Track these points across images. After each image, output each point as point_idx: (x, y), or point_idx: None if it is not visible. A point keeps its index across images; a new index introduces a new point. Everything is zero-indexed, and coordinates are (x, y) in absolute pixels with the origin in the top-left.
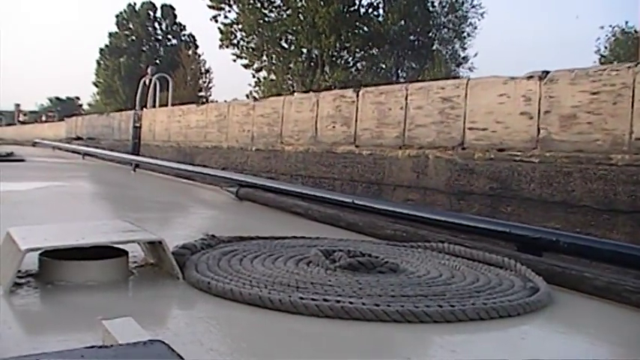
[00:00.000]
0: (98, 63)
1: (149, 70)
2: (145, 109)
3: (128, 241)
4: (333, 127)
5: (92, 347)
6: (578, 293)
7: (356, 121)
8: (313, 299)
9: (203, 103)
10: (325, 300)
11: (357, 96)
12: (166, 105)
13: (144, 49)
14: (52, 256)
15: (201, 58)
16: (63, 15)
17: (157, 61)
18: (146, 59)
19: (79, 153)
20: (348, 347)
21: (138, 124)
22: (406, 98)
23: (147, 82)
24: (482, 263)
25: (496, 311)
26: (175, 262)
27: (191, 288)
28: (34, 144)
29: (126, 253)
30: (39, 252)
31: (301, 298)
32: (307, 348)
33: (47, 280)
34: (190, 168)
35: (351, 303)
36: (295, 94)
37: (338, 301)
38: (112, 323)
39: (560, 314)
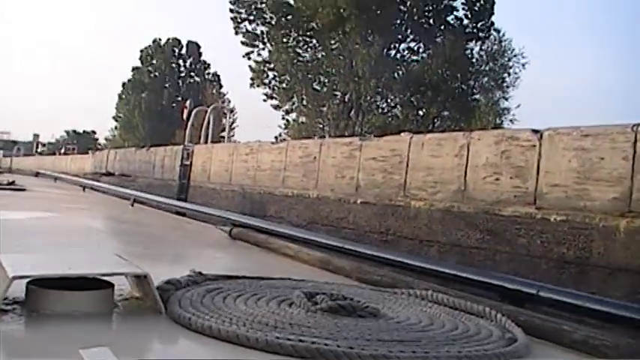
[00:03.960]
0: (120, 97)
1: (187, 104)
2: (197, 144)
3: (114, 273)
4: (497, 179)
5: None
6: (556, 346)
7: (537, 172)
8: (289, 339)
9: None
10: (301, 341)
11: (541, 138)
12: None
13: (166, 85)
14: (40, 284)
15: (226, 97)
16: (83, 47)
17: (179, 99)
18: (168, 96)
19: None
20: None
21: (187, 162)
22: (635, 144)
23: (187, 115)
24: (464, 312)
25: (470, 359)
26: (159, 296)
27: (172, 323)
28: (37, 174)
29: (112, 285)
30: (27, 280)
31: (277, 338)
32: None
33: (33, 308)
34: (185, 205)
35: (326, 345)
36: (428, 135)
37: (313, 342)
38: (88, 352)
39: None
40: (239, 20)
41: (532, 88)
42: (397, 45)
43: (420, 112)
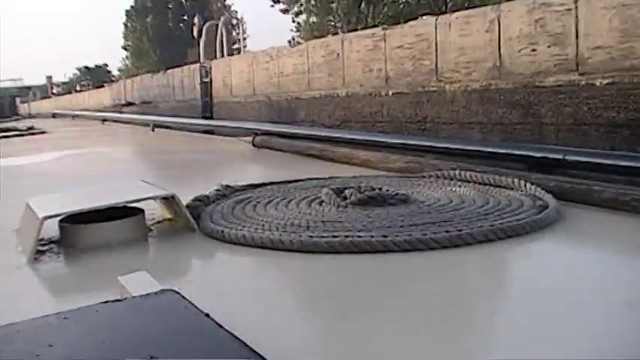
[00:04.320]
0: (125, 25)
1: (196, 20)
2: (214, 60)
3: (142, 199)
4: (534, 50)
5: (107, 302)
6: (587, 207)
7: (577, 36)
8: (322, 237)
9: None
10: (334, 236)
11: (576, 0)
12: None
13: (169, 6)
14: (72, 221)
15: (232, 8)
16: None
17: (185, 17)
18: (173, 16)
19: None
20: (358, 279)
21: (207, 79)
22: None
23: (198, 32)
24: (493, 186)
25: (503, 231)
26: (190, 214)
27: (206, 238)
28: (54, 115)
29: (142, 211)
30: (58, 219)
31: (310, 237)
32: (316, 285)
33: (68, 244)
34: (204, 122)
35: (359, 237)
36: (454, 14)
37: (347, 236)
38: (126, 278)
39: (568, 228)
40: None
41: None
42: None
43: None
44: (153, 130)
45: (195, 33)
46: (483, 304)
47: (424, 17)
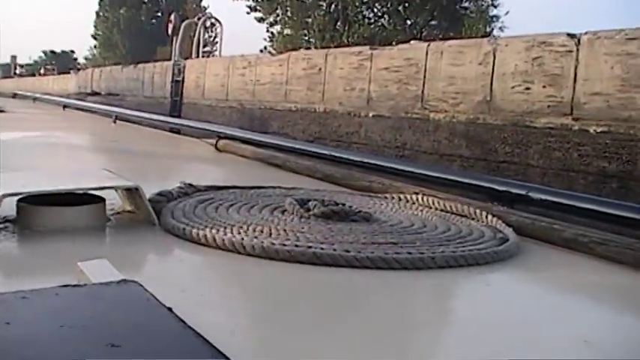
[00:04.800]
0: (97, 14)
1: (172, 17)
2: (189, 59)
3: (105, 187)
4: (528, 88)
5: (66, 286)
6: (547, 244)
7: (575, 80)
8: (285, 245)
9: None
10: (297, 246)
11: (578, 43)
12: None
13: (145, 0)
14: (30, 201)
15: (207, 11)
16: None
17: (159, 14)
18: (146, 11)
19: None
20: (319, 291)
21: (179, 78)
22: None
23: (173, 29)
24: (455, 214)
25: (464, 259)
26: (152, 208)
27: (167, 234)
28: (14, 95)
29: (103, 199)
30: (17, 198)
31: (272, 244)
32: (278, 292)
33: (25, 225)
34: (168, 119)
35: (322, 249)
36: (448, 42)
37: (309, 247)
38: (86, 264)
39: (527, 263)
40: None
41: None
42: None
43: (408, 22)
44: (115, 122)
45: (169, 30)
46: (440, 329)
47: (412, 42)
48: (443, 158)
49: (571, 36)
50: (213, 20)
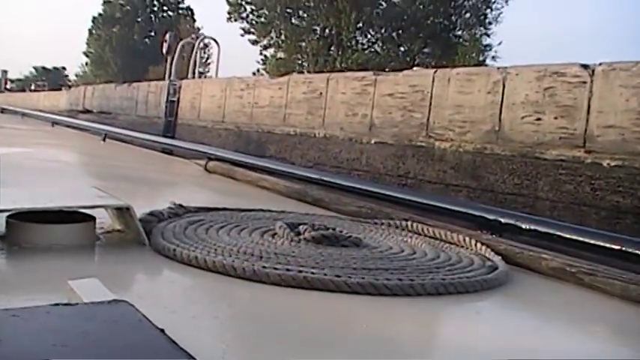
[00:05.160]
0: (90, 32)
1: (167, 37)
2: (184, 79)
3: (96, 206)
4: (538, 119)
5: (57, 305)
6: (535, 273)
7: (588, 112)
8: (276, 269)
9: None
10: (288, 270)
11: (592, 74)
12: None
13: (138, 19)
14: (20, 218)
15: (200, 32)
16: None
17: (152, 33)
18: (140, 31)
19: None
20: (310, 315)
21: (174, 98)
22: None
23: (168, 48)
24: (444, 242)
25: (454, 286)
26: (142, 228)
27: (157, 254)
28: (2, 110)
29: (93, 218)
30: (6, 214)
31: (264, 267)
32: (268, 315)
33: (14, 242)
34: (159, 139)
35: (313, 273)
36: (456, 69)
37: (300, 271)
38: (77, 283)
39: (516, 292)
40: None
41: (514, 25)
42: None
43: (402, 49)
44: (104, 140)
45: (164, 49)
46: (429, 356)
47: (415, 69)
48: (448, 188)
49: (585, 67)
50: (208, 41)
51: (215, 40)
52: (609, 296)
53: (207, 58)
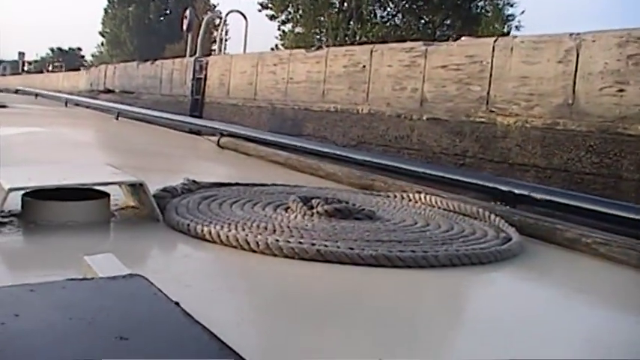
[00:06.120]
0: (106, 11)
1: (187, 13)
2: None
3: (110, 182)
4: (621, 90)
5: (73, 280)
6: (549, 244)
7: None
8: (289, 242)
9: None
10: (301, 243)
11: None
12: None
13: None
14: (35, 196)
15: (216, 9)
16: None
17: (167, 12)
18: (155, 9)
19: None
20: (323, 288)
21: (201, 75)
22: None
23: (188, 25)
24: (458, 213)
25: (468, 258)
26: (156, 204)
27: (171, 229)
28: (16, 91)
29: (107, 195)
30: (22, 192)
31: (277, 241)
32: (282, 287)
33: (30, 219)
34: (171, 116)
35: (326, 246)
36: (520, 37)
37: (313, 244)
38: (93, 259)
39: (530, 263)
40: None
41: None
42: None
43: (422, 21)
44: (117, 119)
45: (184, 26)
46: (443, 327)
47: (464, 38)
48: (513, 168)
49: None
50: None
51: (242, 14)
52: (625, 266)
53: (226, 34)
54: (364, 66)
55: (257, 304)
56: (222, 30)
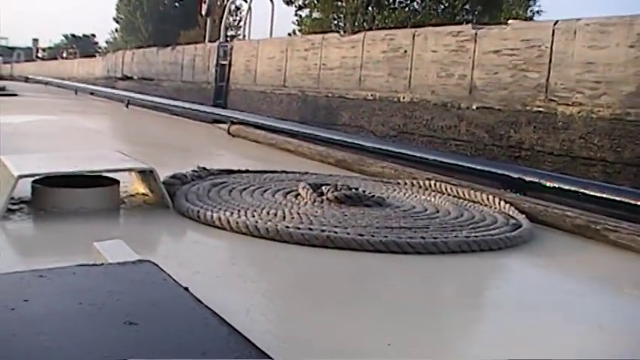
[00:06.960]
0: None
1: None
2: (235, 40)
3: (120, 169)
4: None
5: (83, 265)
6: (559, 231)
7: None
8: (299, 228)
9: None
10: (310, 229)
11: None
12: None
13: None
14: (45, 183)
15: None
16: None
17: None
18: None
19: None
20: (333, 273)
21: (225, 62)
22: None
23: (207, 10)
24: (467, 200)
25: (477, 244)
26: (166, 191)
27: (180, 216)
28: (27, 79)
29: (117, 182)
30: (32, 179)
31: (287, 227)
32: (292, 273)
33: (40, 206)
34: (181, 104)
35: (336, 233)
36: (584, 19)
37: (323, 231)
38: (103, 245)
39: (540, 249)
40: None
41: None
42: None
43: (442, 6)
44: (127, 107)
45: (203, 11)
46: (452, 313)
47: (511, 21)
48: (576, 161)
49: None
50: (240, 3)
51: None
52: (634, 252)
53: (240, 21)
54: (405, 51)
55: (266, 290)
56: (247, 14)
